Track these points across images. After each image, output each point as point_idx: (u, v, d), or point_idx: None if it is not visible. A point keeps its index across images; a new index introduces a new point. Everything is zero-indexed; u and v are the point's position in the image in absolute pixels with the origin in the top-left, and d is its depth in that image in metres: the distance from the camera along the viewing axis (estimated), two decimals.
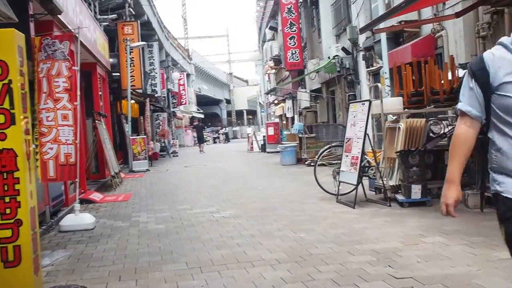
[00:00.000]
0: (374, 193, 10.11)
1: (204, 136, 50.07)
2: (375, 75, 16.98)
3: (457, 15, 9.38)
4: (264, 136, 32.02)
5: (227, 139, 61.91)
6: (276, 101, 37.28)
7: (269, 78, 42.61)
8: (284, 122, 34.19)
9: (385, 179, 9.70)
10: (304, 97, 22.72)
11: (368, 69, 17.11)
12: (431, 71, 9.51)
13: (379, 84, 9.21)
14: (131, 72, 23.43)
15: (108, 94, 19.64)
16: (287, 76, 29.19)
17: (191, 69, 63.01)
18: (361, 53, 17.44)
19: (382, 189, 9.59)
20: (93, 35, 15.56)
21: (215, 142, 62.53)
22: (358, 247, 6.23)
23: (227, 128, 67.01)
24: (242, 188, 12.97)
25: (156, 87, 36.31)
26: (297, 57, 24.36)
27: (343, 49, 18.51)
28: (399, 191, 9.17)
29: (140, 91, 26.94)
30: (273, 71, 35.21)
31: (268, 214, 8.90)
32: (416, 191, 8.59)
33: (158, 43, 37.24)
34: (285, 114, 33.05)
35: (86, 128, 16.59)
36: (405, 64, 9.90)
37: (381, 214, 8.30)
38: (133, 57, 23.93)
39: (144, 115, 27.04)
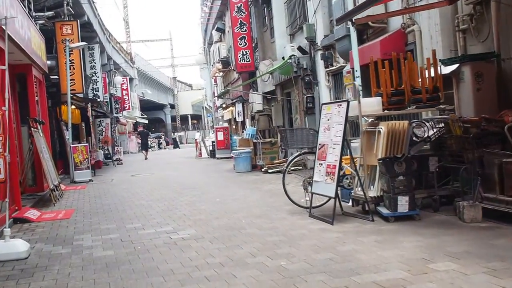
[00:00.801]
0: (350, 205, 9.05)
1: (149, 142, 48.50)
2: (335, 75, 16.00)
3: (450, 2, 8.45)
4: (213, 142, 30.77)
5: (176, 145, 60.17)
6: (224, 105, 36.07)
7: (215, 81, 41.35)
8: (234, 126, 33.02)
9: (360, 189, 8.64)
10: (256, 100, 21.61)
11: (328, 69, 16.12)
12: (411, 68, 8.52)
13: (356, 82, 8.15)
14: (71, 75, 21.83)
15: (45, 98, 18.02)
16: (237, 79, 28.04)
17: (134, 73, 61.14)
18: (319, 52, 16.44)
19: (361, 201, 8.53)
20: (27, 33, 14.02)
21: (160, 148, 60.80)
22: (357, 279, 5.09)
23: (175, 133, 65.19)
24: (198, 201, 11.70)
25: (98, 91, 34.56)
26: (248, 58, 23.23)
27: (299, 48, 17.47)
28: (381, 203, 8.12)
29: (81, 95, 25.28)
30: (221, 74, 34.00)
31: (235, 234, 7.68)
32: (403, 204, 7.54)
33: (99, 45, 35.49)
34: (235, 118, 31.87)
35: (21, 136, 15.03)
36: (382, 60, 8.89)
37: (367, 231, 7.20)
38: (73, 59, 22.32)
39: (88, 121, 25.36)
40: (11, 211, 10.67)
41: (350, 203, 9.14)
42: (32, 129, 13.41)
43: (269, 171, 17.01)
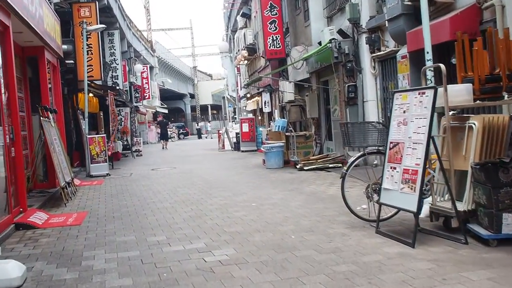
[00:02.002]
0: (423, 217, 7.27)
1: (169, 133, 47.06)
2: (383, 61, 14.19)
3: None
4: (237, 133, 29.08)
5: (199, 135, 58.86)
6: (248, 95, 34.31)
7: (238, 70, 39.59)
8: (260, 117, 31.28)
9: (442, 199, 6.87)
10: (287, 89, 19.84)
11: (374, 55, 14.31)
12: (509, 47, 6.70)
13: (442, 65, 6.39)
14: (88, 61, 20.26)
15: (60, 85, 16.45)
16: (264, 67, 26.28)
17: (155, 62, 59.59)
18: (364, 36, 14.63)
19: (442, 215, 6.76)
20: (38, 10, 12.40)
21: (180, 138, 59.35)
22: None
23: (199, 124, 63.82)
24: (230, 205, 10.00)
25: (117, 79, 33.05)
26: (279, 44, 21.45)
27: (340, 31, 15.67)
28: (471, 219, 6.36)
29: (100, 83, 23.67)
30: (246, 62, 32.26)
31: (287, 258, 5.95)
32: (509, 223, 5.77)
33: (119, 31, 33.93)
34: (261, 108, 30.13)
35: (32, 126, 13.49)
36: (469, 38, 7.09)
37: (467, 261, 5.42)
38: (90, 44, 20.72)
39: (107, 110, 23.69)
40: (14, 214, 9.08)
41: (422, 214, 7.36)
42: (41, 118, 11.78)
43: (305, 168, 15.27)
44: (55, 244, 7.49)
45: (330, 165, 15.25)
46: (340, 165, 15.25)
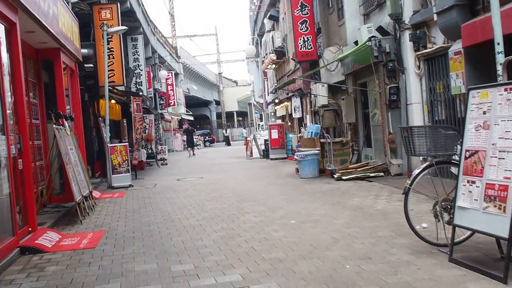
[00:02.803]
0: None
1: (195, 140, 46.17)
2: (429, 60, 12.87)
3: None
4: (265, 140, 27.87)
5: (227, 143, 57.84)
6: (277, 100, 33.09)
7: (265, 75, 38.42)
8: (289, 123, 30.03)
9: None
10: (320, 93, 18.56)
11: (419, 53, 13.00)
12: None
13: None
14: (109, 65, 19.25)
15: (79, 90, 15.39)
16: (293, 71, 25.04)
17: (180, 68, 58.79)
18: (407, 32, 13.33)
19: None
20: (52, 8, 11.34)
21: (205, 146, 58.37)
22: None
23: (227, 130, 62.76)
24: (266, 223, 8.76)
25: (141, 85, 32.22)
26: (310, 45, 20.22)
27: (379, 29, 14.39)
28: None
29: (122, 88, 22.66)
30: (273, 66, 31.08)
31: None
32: None
33: (143, 37, 33.05)
34: (290, 114, 28.89)
35: (47, 135, 12.42)
36: None
37: None
38: (112, 48, 19.73)
39: (130, 117, 22.60)
40: (20, 236, 7.96)
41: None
42: (54, 126, 10.69)
43: (344, 177, 13.98)
44: (63, 275, 6.33)
45: (371, 174, 13.96)
46: (382, 174, 13.97)
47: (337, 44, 18.63)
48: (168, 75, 46.58)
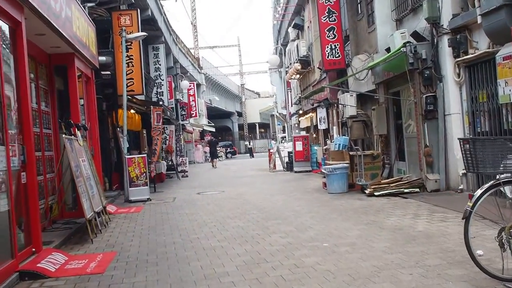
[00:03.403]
0: None
1: (218, 151, 45.52)
2: (471, 67, 11.88)
3: None
4: (289, 152, 26.92)
5: (251, 154, 56.93)
6: (301, 111, 32.15)
7: (289, 85, 37.52)
8: (314, 135, 29.05)
9: None
10: (349, 103, 17.59)
11: (459, 59, 12.02)
12: None
13: None
14: (128, 74, 18.51)
15: (95, 99, 14.63)
16: (318, 81, 24.12)
17: (202, 79, 58.18)
18: (446, 38, 12.36)
19: None
20: (64, 9, 10.58)
21: (227, 157, 57.55)
22: None
23: (251, 142, 61.70)
24: (295, 245, 7.80)
25: (162, 95, 31.50)
26: (338, 53, 19.28)
27: (414, 34, 13.43)
28: None
29: (142, 98, 21.91)
30: (298, 76, 30.16)
31: None
32: None
33: (164, 46, 32.36)
34: (315, 125, 27.92)
35: (59, 146, 11.62)
36: None
37: None
38: (131, 55, 19.02)
39: (151, 128, 21.71)
40: (20, 258, 7.12)
41: None
42: (64, 136, 9.86)
43: (376, 193, 12.98)
44: None
45: (406, 190, 12.95)
46: (418, 190, 12.95)
47: (366, 52, 17.67)
48: (190, 86, 45.92)
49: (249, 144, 62.48)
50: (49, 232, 9.89)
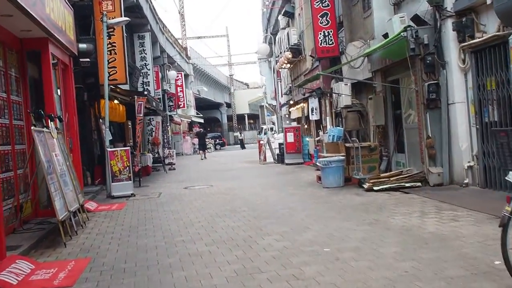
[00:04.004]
0: None
1: (206, 143, 44.58)
2: (478, 52, 11.03)
3: None
4: (280, 144, 26.02)
5: (242, 146, 55.61)
6: (291, 101, 31.22)
7: (279, 75, 36.55)
8: (306, 126, 28.14)
9: None
10: (343, 92, 16.67)
11: (464, 44, 11.18)
12: None
13: None
14: (111, 62, 17.54)
15: (73, 88, 13.65)
16: (310, 70, 23.19)
17: (190, 69, 57.07)
18: (450, 21, 11.50)
19: None
20: None
21: (216, 149, 56.51)
22: None
23: (241, 134, 60.01)
24: (292, 250, 6.91)
25: (149, 86, 30.50)
26: (331, 40, 18.36)
27: (415, 18, 12.53)
28: None
29: (127, 87, 20.91)
30: (288, 65, 29.20)
31: None
32: None
33: (150, 34, 31.31)
34: (307, 116, 27.03)
35: (33, 139, 10.63)
36: None
37: None
38: (114, 42, 17.99)
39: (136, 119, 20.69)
40: None
41: None
42: (33, 128, 8.89)
43: (375, 188, 12.13)
44: None
45: (407, 185, 12.11)
46: (419, 184, 12.11)
47: (362, 39, 16.78)
48: (178, 76, 44.88)
49: (240, 135, 60.93)
50: (19, 234, 8.97)
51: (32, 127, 8.76)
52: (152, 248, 7.73)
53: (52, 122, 9.86)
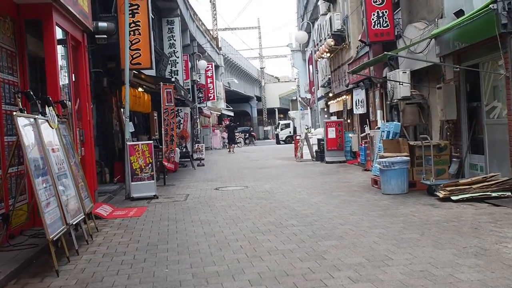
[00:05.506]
0: None
1: (236, 137, 42.60)
2: None
3: None
4: (320, 140, 23.65)
5: (277, 141, 52.85)
6: (331, 94, 28.79)
7: (316, 66, 34.10)
8: (349, 121, 25.71)
9: None
10: (402, 80, 14.23)
11: None
12: None
13: None
14: (134, 43, 15.31)
15: (87, 70, 11.53)
16: (356, 58, 20.79)
17: (220, 61, 54.93)
18: None
19: None
20: None
21: (246, 144, 54.29)
22: None
23: (277, 129, 56.51)
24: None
25: (177, 75, 28.37)
26: (386, 22, 15.93)
27: None
28: None
29: (152, 73, 18.74)
30: (328, 54, 26.78)
31: None
32: None
33: (180, 19, 29.16)
34: (350, 110, 24.62)
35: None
36: None
37: None
38: (138, 21, 15.72)
39: (162, 108, 18.43)
40: None
41: None
42: (15, 114, 6.64)
43: (453, 197, 9.75)
44: None
45: (493, 194, 9.70)
46: (509, 193, 9.68)
47: (424, 19, 14.36)
48: (208, 67, 42.73)
49: (276, 130, 56.85)
50: (1, 253, 6.83)
51: (14, 113, 6.55)
52: (174, 284, 5.49)
53: (50, 108, 7.66)
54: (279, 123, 59.27)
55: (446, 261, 5.81)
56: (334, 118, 28.20)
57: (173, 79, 23.66)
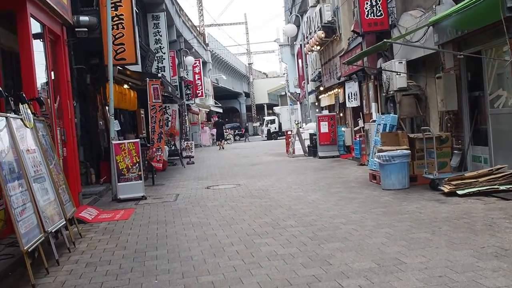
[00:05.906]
0: None
1: (225, 134, 42.03)
2: None
3: None
4: (312, 135, 23.09)
5: (269, 137, 52.13)
6: (322, 88, 28.19)
7: (306, 60, 33.49)
8: (341, 115, 25.13)
9: None
10: (398, 70, 13.67)
11: None
12: None
13: None
14: (118, 38, 14.65)
15: (67, 65, 10.87)
16: (348, 50, 20.20)
17: (208, 57, 54.26)
18: None
19: None
20: None
21: (235, 140, 53.70)
22: None
23: (269, 124, 55.42)
24: None
25: (164, 71, 27.69)
26: (380, 11, 15.38)
27: None
28: None
29: (138, 69, 18.05)
30: (318, 47, 26.16)
31: None
32: None
33: (165, 15, 28.47)
34: (342, 103, 24.07)
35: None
36: None
37: None
38: (121, 14, 15.03)
39: (149, 104, 17.73)
40: None
41: None
42: None
43: (459, 192, 9.21)
44: None
45: (501, 187, 9.16)
46: None
47: (420, 7, 13.82)
48: (196, 63, 42.01)
49: (268, 126, 55.65)
50: None
51: None
52: None
53: (24, 106, 7.02)
54: (263, 119, 58.77)
55: (465, 264, 5.24)
56: (325, 112, 27.61)
57: (159, 75, 22.97)
